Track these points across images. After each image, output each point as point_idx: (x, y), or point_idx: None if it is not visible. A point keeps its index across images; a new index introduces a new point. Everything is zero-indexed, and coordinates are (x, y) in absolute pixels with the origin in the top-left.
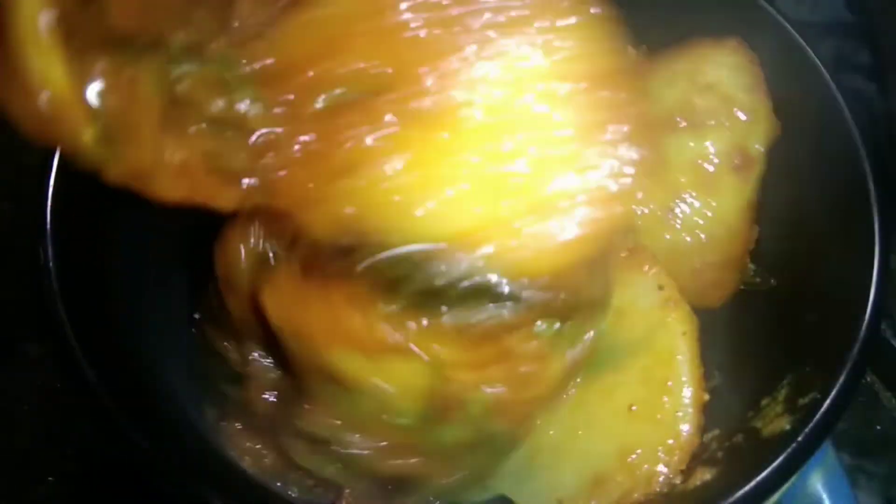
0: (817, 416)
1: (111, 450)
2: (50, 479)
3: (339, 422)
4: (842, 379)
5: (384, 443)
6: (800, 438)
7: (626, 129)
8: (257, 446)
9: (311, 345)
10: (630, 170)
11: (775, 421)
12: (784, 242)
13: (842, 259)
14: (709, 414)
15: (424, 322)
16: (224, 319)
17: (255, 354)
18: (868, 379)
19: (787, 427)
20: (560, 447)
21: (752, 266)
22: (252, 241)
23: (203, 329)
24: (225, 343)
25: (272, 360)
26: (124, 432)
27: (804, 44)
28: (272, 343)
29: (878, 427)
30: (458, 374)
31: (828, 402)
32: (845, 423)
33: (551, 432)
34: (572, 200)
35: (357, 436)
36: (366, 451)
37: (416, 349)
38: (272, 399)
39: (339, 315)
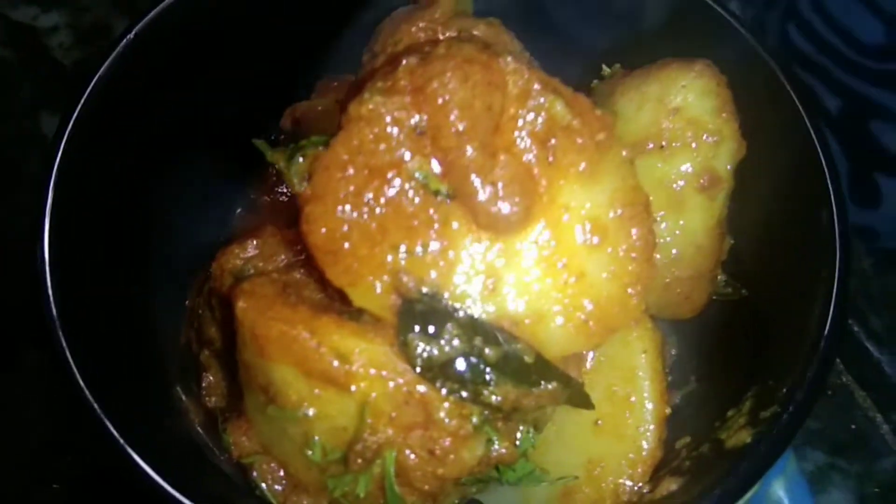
0: (776, 429)
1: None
2: (55, 486)
3: (260, 449)
4: (801, 394)
5: (297, 481)
6: (760, 450)
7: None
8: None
9: (261, 353)
10: (637, 288)
11: (738, 433)
12: (754, 254)
13: (805, 273)
14: (682, 420)
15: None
16: (202, 323)
17: (209, 353)
18: (843, 379)
19: (749, 440)
20: (533, 458)
21: (723, 277)
22: (249, 251)
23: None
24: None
25: (225, 367)
26: (125, 455)
27: (774, 65)
28: (230, 347)
29: (853, 426)
30: (382, 426)
31: (786, 415)
32: (820, 423)
33: None
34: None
35: (273, 465)
36: (278, 487)
37: (353, 387)
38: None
39: (298, 334)
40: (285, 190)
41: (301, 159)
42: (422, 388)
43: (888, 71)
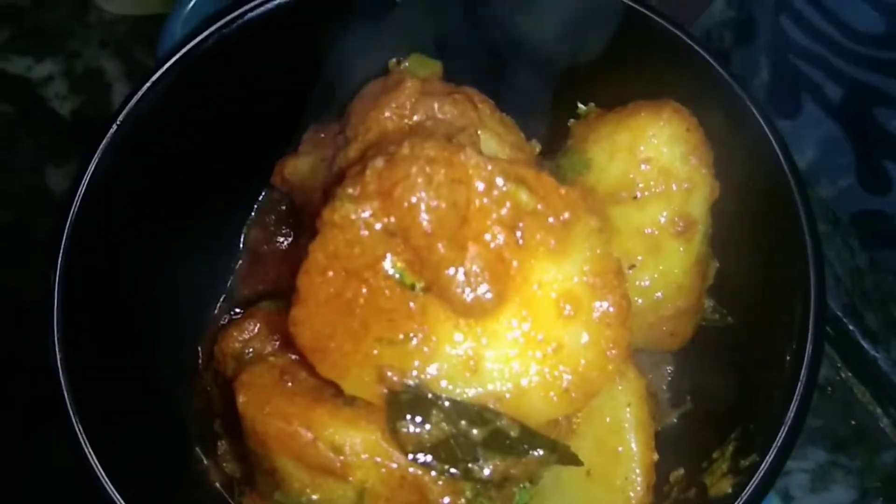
0: (756, 480)
1: None
2: None
3: None
4: (778, 443)
5: None
6: (740, 502)
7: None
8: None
9: (264, 445)
10: (614, 352)
11: (720, 481)
12: (736, 282)
13: (781, 306)
14: (679, 445)
15: (377, 459)
16: (211, 398)
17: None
18: (842, 375)
19: (729, 490)
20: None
21: (711, 303)
22: (246, 334)
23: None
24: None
25: (237, 439)
26: None
27: (740, 90)
28: (238, 425)
29: (853, 422)
30: None
31: (765, 466)
32: (821, 420)
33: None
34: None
35: None
36: None
37: (350, 477)
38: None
39: (296, 430)
40: (282, 238)
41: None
42: (413, 470)
43: (890, 59)
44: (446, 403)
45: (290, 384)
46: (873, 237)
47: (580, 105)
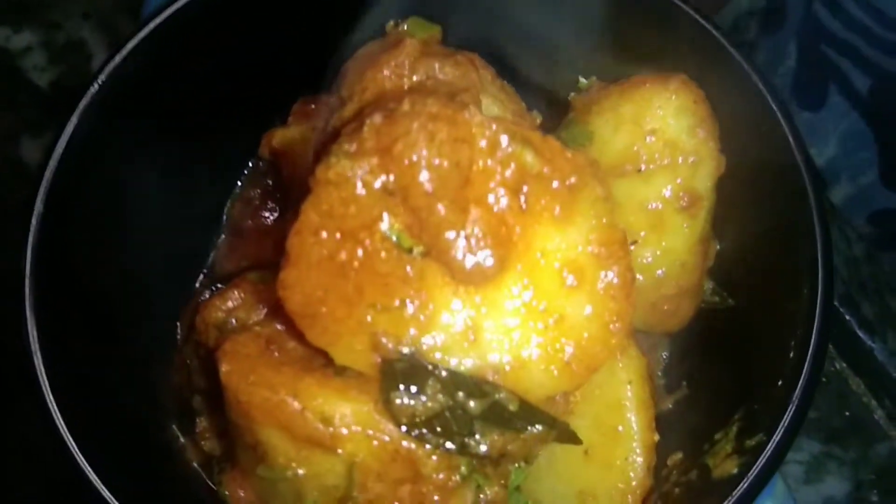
0: (762, 460)
1: None
2: None
3: (257, 501)
4: (785, 422)
5: None
6: (745, 484)
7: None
8: None
9: (247, 416)
10: (617, 326)
11: (725, 462)
12: (739, 263)
13: (787, 288)
14: (675, 430)
15: (369, 432)
16: (191, 371)
17: (200, 398)
18: (837, 366)
19: (735, 470)
20: (525, 488)
21: (711, 284)
22: (230, 303)
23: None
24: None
25: (217, 413)
26: None
27: (755, 76)
28: (219, 397)
29: (847, 413)
30: (371, 483)
31: (771, 445)
32: (815, 412)
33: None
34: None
35: None
36: None
37: (339, 450)
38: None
39: (282, 400)
40: (267, 213)
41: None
42: (407, 443)
43: None
44: (443, 374)
45: (276, 354)
46: (893, 238)
47: (581, 79)
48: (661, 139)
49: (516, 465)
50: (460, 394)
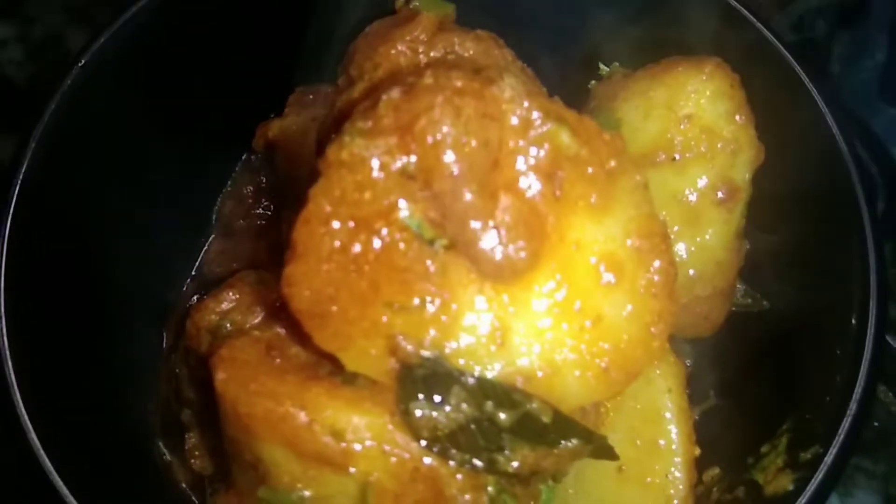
0: (819, 474)
1: None
2: None
3: None
4: (844, 432)
5: None
6: (804, 499)
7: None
8: None
9: (247, 431)
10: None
11: (778, 477)
12: (774, 262)
13: (834, 284)
14: (706, 443)
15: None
16: (180, 382)
17: (189, 413)
18: None
19: (791, 487)
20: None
21: (741, 286)
22: (225, 305)
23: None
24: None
25: (208, 429)
26: None
27: (791, 58)
28: (212, 410)
29: (876, 423)
30: None
31: (829, 458)
32: None
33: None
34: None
35: None
36: None
37: (351, 469)
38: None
39: (287, 411)
40: (261, 211)
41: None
42: (429, 460)
43: None
44: (469, 381)
45: (278, 360)
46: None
47: (602, 66)
48: (697, 125)
49: (547, 483)
50: (489, 404)
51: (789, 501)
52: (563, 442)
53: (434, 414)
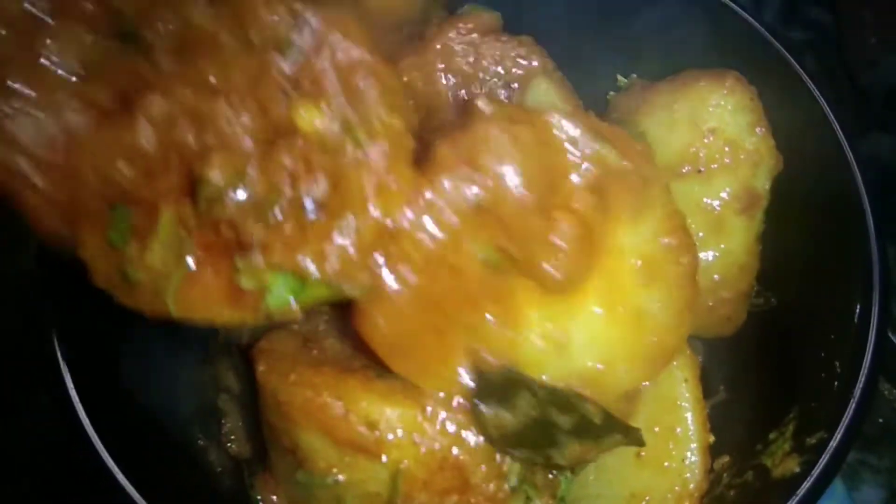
0: (826, 457)
1: None
2: None
3: None
4: (847, 417)
5: None
6: (810, 482)
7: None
8: None
9: (286, 418)
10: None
11: (785, 461)
12: (779, 260)
13: (837, 281)
14: (716, 434)
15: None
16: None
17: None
18: None
19: (797, 469)
20: (570, 495)
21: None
22: None
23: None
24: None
25: (246, 415)
26: None
27: (792, 59)
28: (250, 396)
29: (881, 420)
30: (416, 492)
31: (834, 442)
32: None
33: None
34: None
35: None
36: None
37: (384, 456)
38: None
39: (325, 402)
40: None
41: None
42: (456, 451)
43: None
44: (539, 389)
45: (314, 352)
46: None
47: (620, 77)
48: (721, 138)
49: (565, 475)
50: (553, 409)
51: (796, 483)
52: (607, 437)
53: (503, 415)
